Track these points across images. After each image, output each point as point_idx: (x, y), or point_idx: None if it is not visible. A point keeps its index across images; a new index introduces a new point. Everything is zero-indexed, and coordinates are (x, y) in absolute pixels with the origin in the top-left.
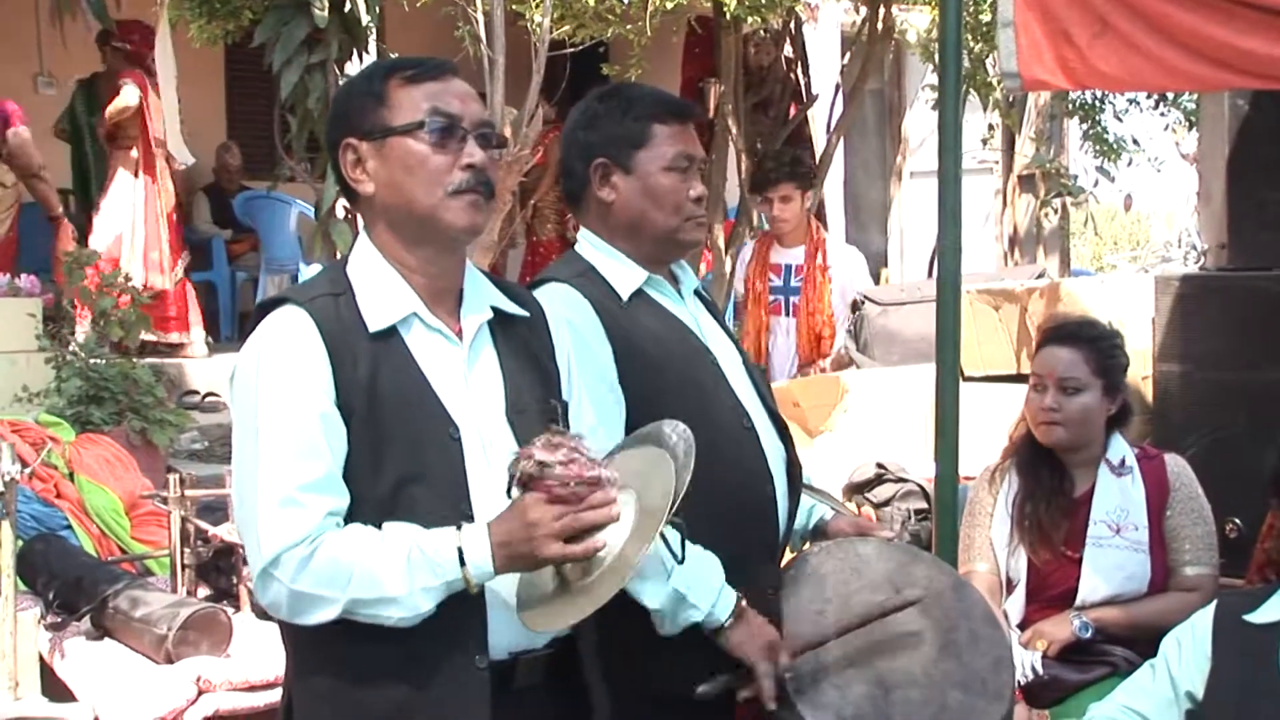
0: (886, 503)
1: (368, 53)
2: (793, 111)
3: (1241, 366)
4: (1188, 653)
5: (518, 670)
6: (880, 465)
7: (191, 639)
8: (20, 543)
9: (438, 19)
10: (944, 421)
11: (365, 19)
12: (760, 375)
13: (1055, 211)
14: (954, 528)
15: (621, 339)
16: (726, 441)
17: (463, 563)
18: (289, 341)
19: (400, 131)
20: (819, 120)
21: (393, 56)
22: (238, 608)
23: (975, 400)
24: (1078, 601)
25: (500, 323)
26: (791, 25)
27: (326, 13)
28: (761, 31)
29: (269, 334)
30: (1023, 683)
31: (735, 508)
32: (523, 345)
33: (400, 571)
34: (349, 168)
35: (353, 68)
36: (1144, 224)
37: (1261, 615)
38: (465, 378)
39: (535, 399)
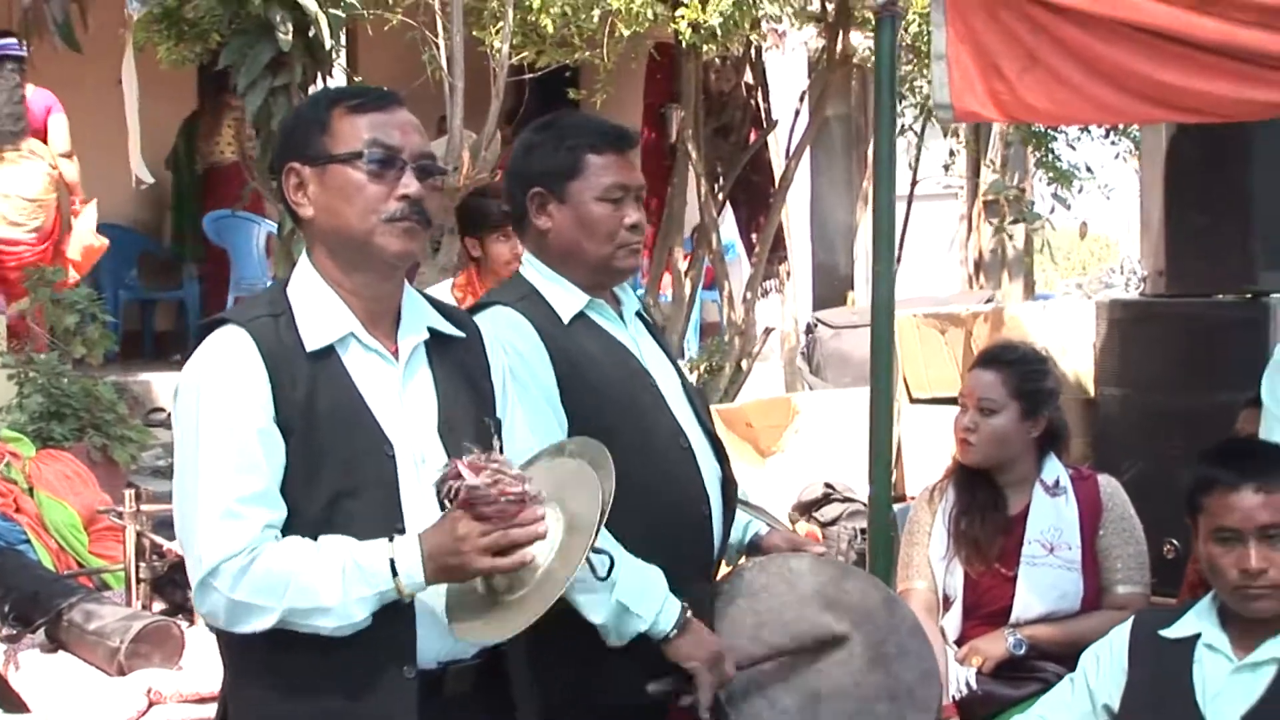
0: (833, 522)
1: (331, 76)
2: (753, 137)
3: (1179, 390)
4: (1105, 667)
5: (446, 679)
6: (828, 485)
7: (144, 651)
8: None
9: (405, 42)
10: (878, 444)
11: (329, 43)
12: (699, 396)
13: (1010, 237)
14: (887, 546)
15: (563, 361)
16: (664, 460)
17: (395, 573)
18: (229, 360)
19: (340, 160)
20: (779, 145)
21: (342, 84)
22: (191, 621)
23: (921, 422)
24: (1012, 619)
25: (437, 343)
26: (752, 52)
27: (290, 36)
28: (721, 59)
29: (210, 353)
30: (957, 698)
31: (671, 524)
32: (458, 365)
33: (335, 582)
34: (291, 191)
35: (316, 90)
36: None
37: (1176, 630)
38: (400, 396)
39: (468, 416)
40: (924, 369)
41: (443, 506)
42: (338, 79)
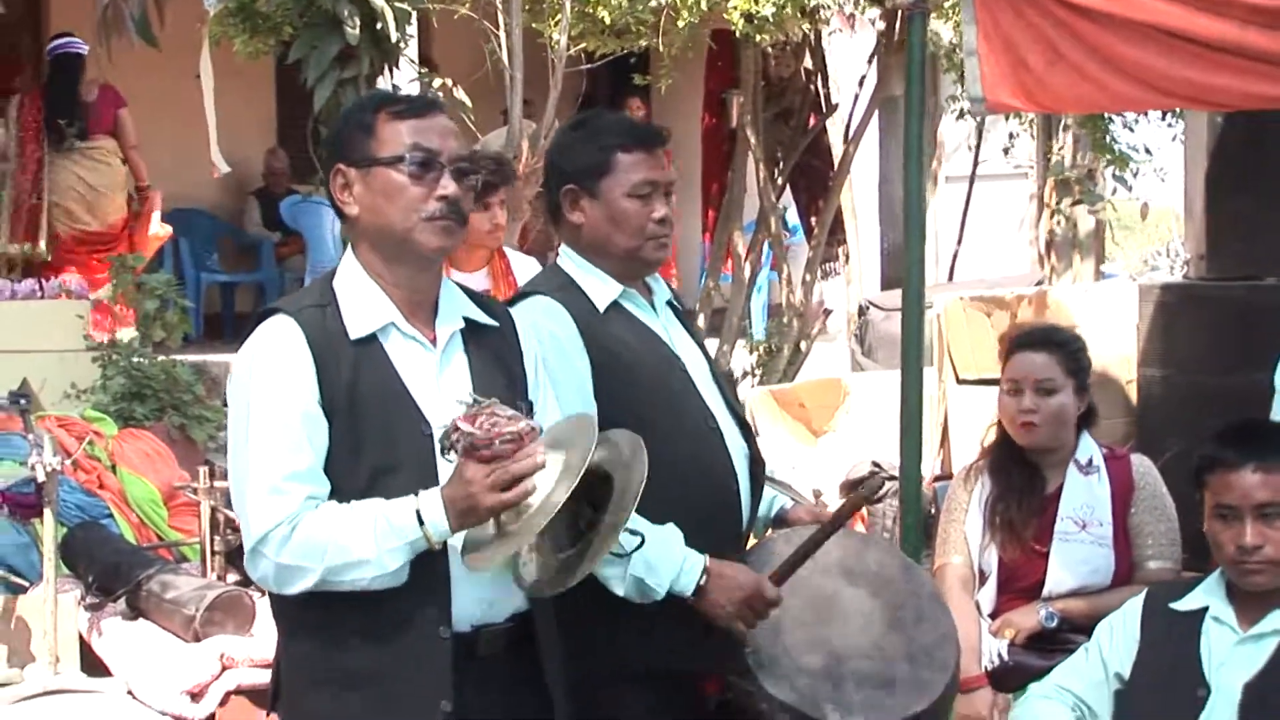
0: (879, 499)
1: (398, 68)
2: (812, 121)
3: (1219, 371)
4: (1119, 637)
5: (480, 641)
6: (875, 464)
7: (217, 619)
8: (64, 530)
9: (475, 33)
10: (908, 422)
11: (395, 36)
12: (726, 381)
13: (1066, 219)
14: (918, 520)
15: (598, 348)
16: (693, 441)
17: (421, 523)
18: (279, 347)
19: (384, 163)
20: (839, 129)
21: (411, 76)
22: (262, 592)
23: (969, 402)
24: (1044, 593)
25: (472, 331)
26: (811, 37)
27: (358, 30)
28: (781, 45)
29: (261, 340)
30: (990, 668)
31: (702, 501)
32: (492, 351)
33: (368, 536)
34: (338, 190)
35: (384, 82)
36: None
37: (1186, 603)
38: (437, 380)
39: (499, 398)
40: (970, 351)
41: (446, 454)
42: (405, 71)
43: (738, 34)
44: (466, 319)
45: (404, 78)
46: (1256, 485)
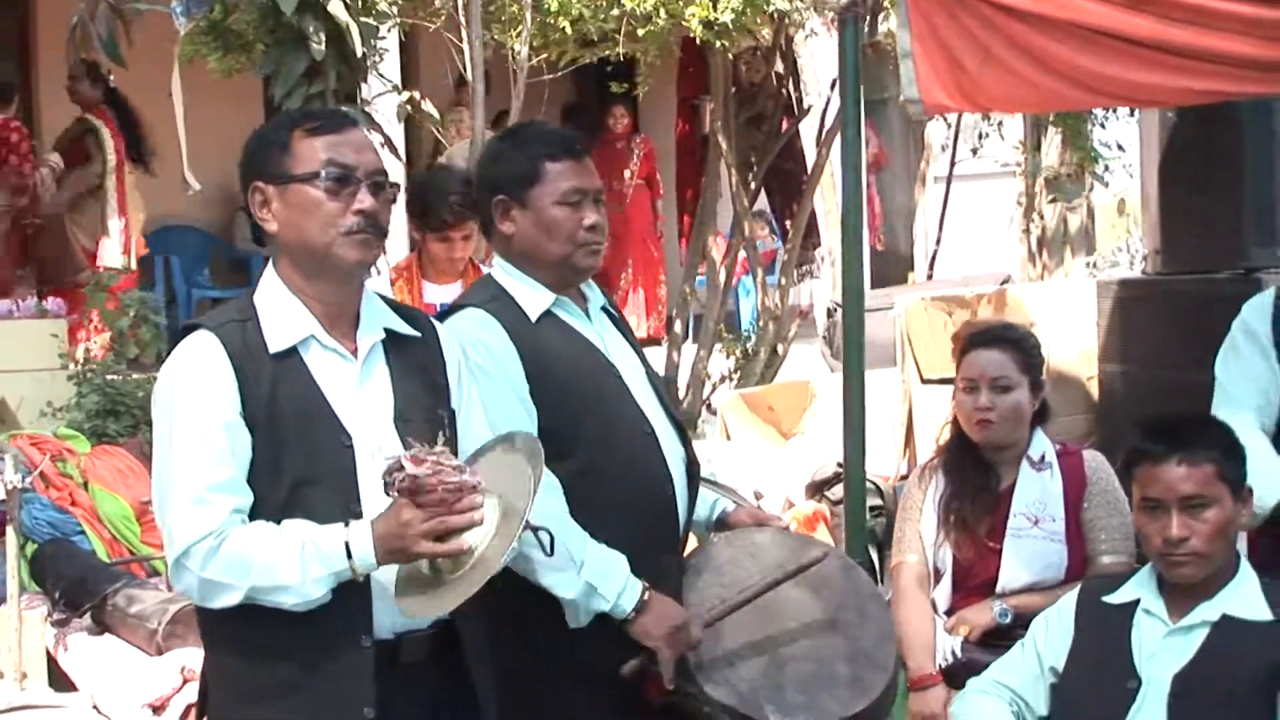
0: (841, 500)
1: (366, 83)
2: (785, 125)
3: (1178, 365)
4: (1054, 630)
5: (402, 649)
6: (840, 465)
7: (180, 632)
8: (34, 547)
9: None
10: (851, 423)
11: (360, 51)
12: (662, 385)
13: (1055, 215)
14: (862, 520)
15: (531, 357)
16: (627, 446)
17: (349, 555)
18: (199, 362)
19: (300, 179)
20: (812, 132)
21: (381, 90)
22: None
23: (933, 401)
24: (999, 589)
25: (394, 342)
26: (783, 41)
27: (324, 46)
28: (752, 50)
29: (183, 355)
30: (943, 665)
31: (637, 504)
32: (414, 361)
33: (294, 562)
34: (256, 207)
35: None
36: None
37: (1118, 596)
38: (358, 391)
39: (423, 409)
40: (933, 350)
41: (388, 491)
42: (376, 86)
43: (697, 41)
44: (388, 330)
45: (375, 91)
46: (1181, 478)
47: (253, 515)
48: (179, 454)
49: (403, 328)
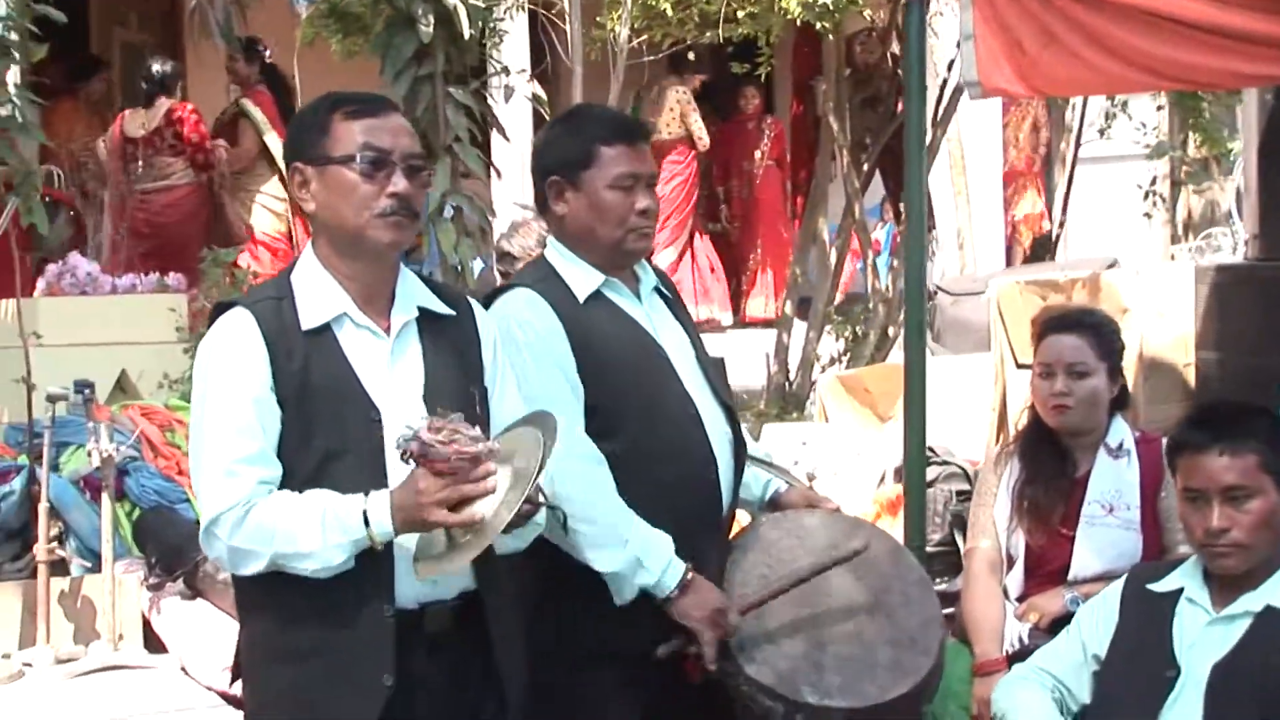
0: (930, 484)
1: (475, 64)
2: (900, 107)
3: (1275, 352)
4: (1099, 617)
5: (425, 618)
6: (930, 449)
7: None
8: (137, 512)
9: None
10: (912, 404)
11: (468, 33)
12: (713, 366)
13: (1163, 199)
14: (921, 506)
15: (578, 336)
16: (671, 426)
17: (367, 523)
18: (234, 338)
19: (337, 161)
20: (928, 114)
21: (490, 72)
22: None
23: (1025, 386)
24: (1070, 577)
25: (428, 320)
26: (899, 21)
27: (432, 29)
28: (868, 30)
29: (218, 332)
30: (1009, 652)
31: (680, 483)
32: (447, 339)
33: (315, 530)
34: (296, 187)
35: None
36: None
37: (1163, 585)
38: (390, 367)
39: (454, 385)
40: (1027, 335)
41: (405, 460)
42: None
43: (797, 22)
44: (422, 308)
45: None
46: (1223, 468)
47: (282, 487)
48: (210, 428)
49: (438, 306)
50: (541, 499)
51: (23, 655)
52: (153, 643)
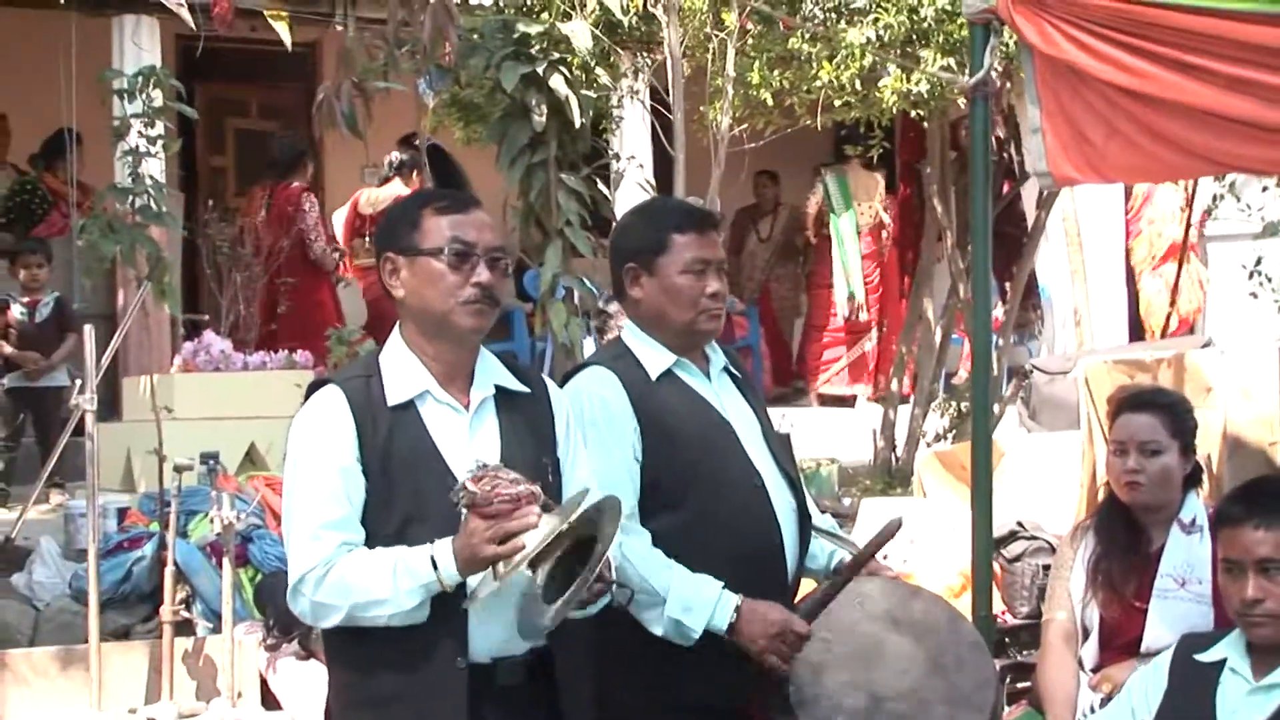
0: (1018, 558)
1: (585, 150)
2: (1006, 189)
3: None
4: (1149, 685)
5: (498, 672)
6: (1020, 524)
7: None
8: (260, 577)
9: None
10: (978, 480)
11: (579, 121)
12: (779, 442)
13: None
14: (988, 578)
15: (647, 412)
16: (737, 496)
17: (435, 567)
18: (325, 413)
19: (426, 253)
20: (1032, 194)
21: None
22: None
23: None
24: (1143, 648)
25: (505, 397)
26: (1005, 105)
27: (544, 118)
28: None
29: (311, 408)
30: None
31: (745, 552)
32: (522, 414)
33: (388, 578)
34: (386, 275)
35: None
36: None
37: (1209, 655)
38: (469, 440)
39: (528, 456)
40: None
41: (459, 508)
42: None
43: (892, 110)
44: (499, 386)
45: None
46: (1257, 541)
47: (367, 547)
48: (300, 494)
49: (513, 384)
50: (611, 580)
51: (147, 710)
52: (269, 700)
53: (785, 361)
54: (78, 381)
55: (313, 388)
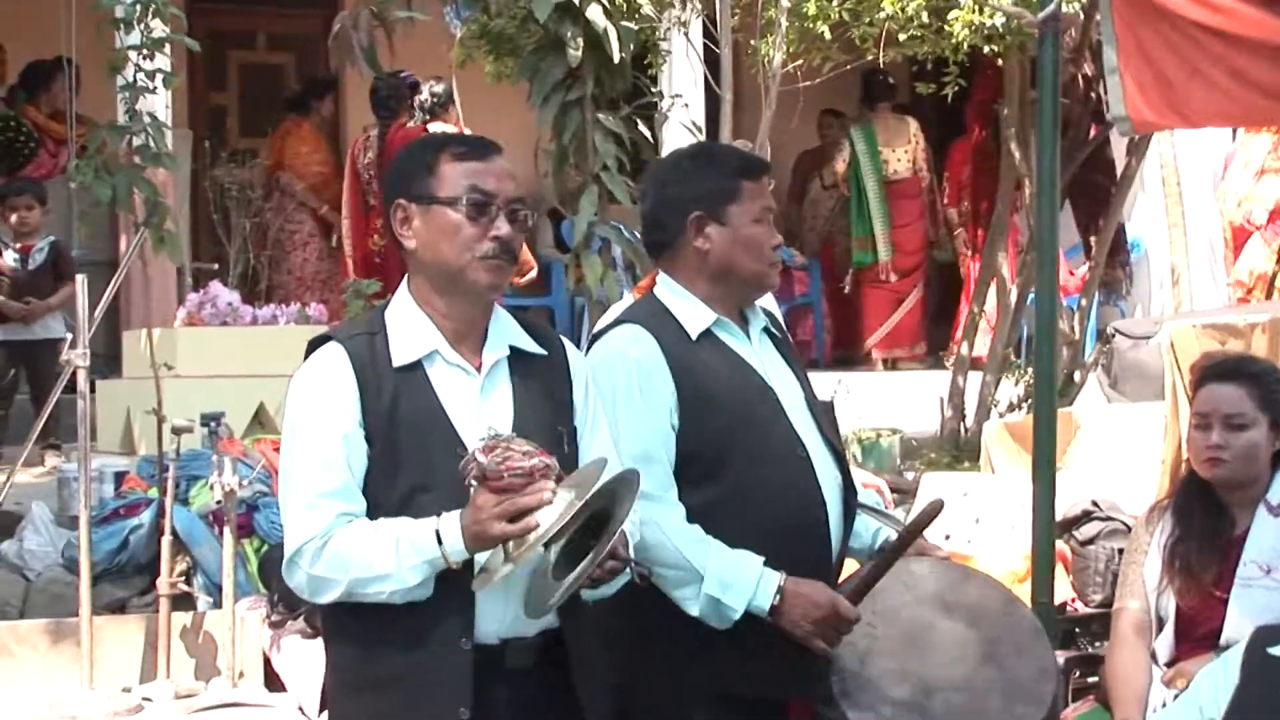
0: (1091, 540)
1: (626, 88)
2: (1093, 132)
3: None
4: (1217, 681)
5: (507, 653)
6: (1094, 503)
7: None
8: (265, 548)
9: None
10: (1040, 456)
11: (618, 56)
12: (822, 409)
13: None
14: (1050, 559)
15: (686, 375)
16: (779, 468)
17: (440, 542)
18: (325, 373)
19: (442, 202)
20: (1122, 139)
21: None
22: None
23: None
24: (1223, 641)
25: (520, 359)
26: (1092, 39)
27: (580, 52)
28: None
29: (311, 367)
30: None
31: (787, 528)
32: (537, 378)
33: (390, 552)
34: (398, 224)
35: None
36: None
37: None
38: (479, 404)
39: (542, 423)
40: None
41: (468, 481)
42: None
43: (964, 45)
44: (513, 347)
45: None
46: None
47: (369, 518)
48: (298, 461)
49: (529, 345)
50: (627, 557)
51: (143, 690)
52: (272, 681)
53: (850, 321)
54: (70, 335)
55: (313, 345)
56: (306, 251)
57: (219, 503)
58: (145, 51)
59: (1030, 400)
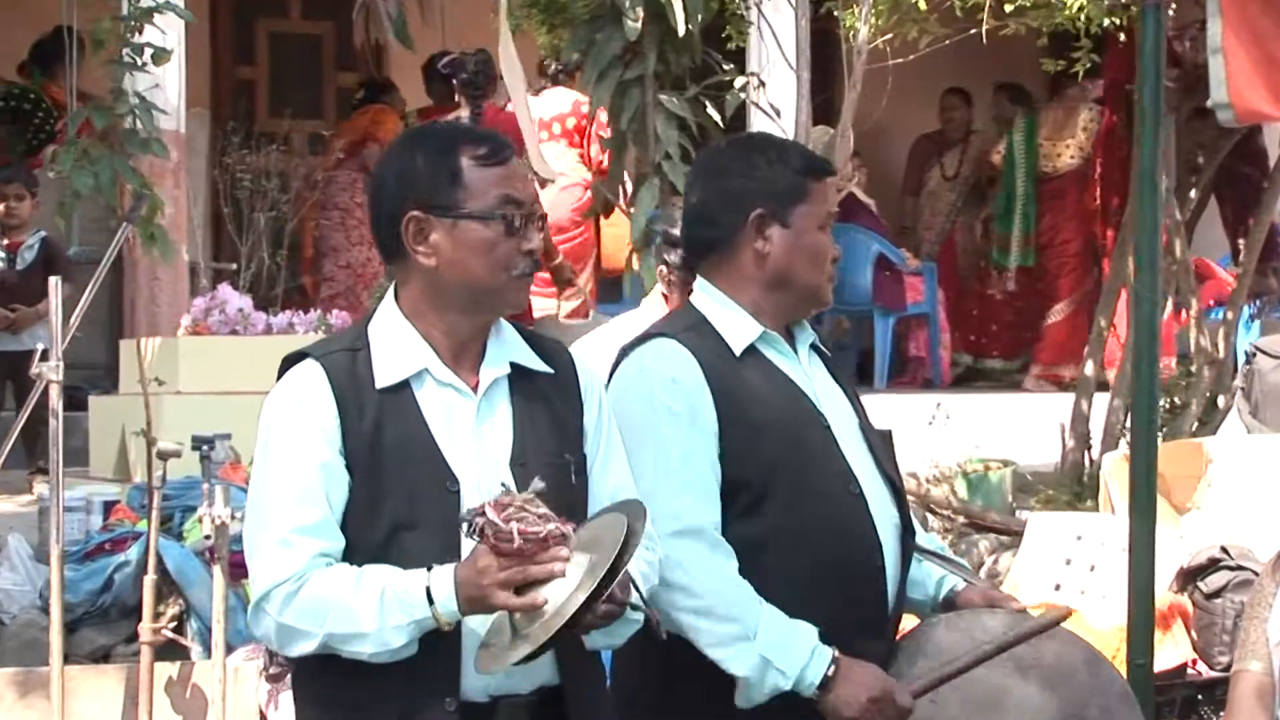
0: (1218, 593)
1: (694, 65)
2: None
3: None
4: None
5: (498, 713)
6: (1223, 549)
7: None
8: None
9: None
10: (1139, 497)
11: (683, 29)
12: (878, 439)
13: None
14: (1149, 613)
15: (727, 398)
16: (830, 505)
17: (431, 601)
18: (301, 395)
19: (475, 216)
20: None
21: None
22: None
23: None
24: None
25: (522, 378)
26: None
27: (640, 24)
28: (1200, 22)
29: (286, 387)
30: None
31: (837, 574)
32: (542, 400)
33: (373, 609)
34: (409, 237)
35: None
36: None
37: None
38: (474, 429)
39: (545, 452)
40: None
41: (471, 535)
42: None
43: (1080, 18)
44: (516, 364)
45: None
46: None
47: (348, 559)
48: (270, 493)
49: (534, 362)
50: (634, 600)
51: None
52: None
53: (975, 336)
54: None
55: (287, 362)
56: (374, 249)
57: (208, 537)
58: (135, 24)
59: (1165, 429)
